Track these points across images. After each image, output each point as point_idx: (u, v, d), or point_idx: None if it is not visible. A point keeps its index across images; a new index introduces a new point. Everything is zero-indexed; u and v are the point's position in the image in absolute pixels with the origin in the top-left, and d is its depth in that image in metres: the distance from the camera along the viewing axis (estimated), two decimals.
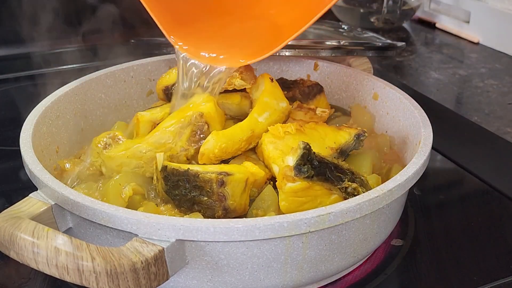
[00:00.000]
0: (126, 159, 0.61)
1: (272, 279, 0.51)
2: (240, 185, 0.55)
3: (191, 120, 0.61)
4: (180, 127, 0.61)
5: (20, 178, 0.73)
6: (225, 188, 0.54)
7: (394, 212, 0.58)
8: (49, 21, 1.16)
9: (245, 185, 0.56)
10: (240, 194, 0.55)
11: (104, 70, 0.77)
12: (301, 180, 0.52)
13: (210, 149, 0.59)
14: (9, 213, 0.49)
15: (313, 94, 0.73)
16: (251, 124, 0.62)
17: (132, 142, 0.62)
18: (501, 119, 0.93)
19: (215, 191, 0.54)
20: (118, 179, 0.58)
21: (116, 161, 0.61)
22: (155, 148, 0.61)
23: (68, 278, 0.44)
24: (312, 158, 0.52)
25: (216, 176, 0.54)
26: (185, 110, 0.63)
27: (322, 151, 0.59)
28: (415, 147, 0.62)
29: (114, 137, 0.62)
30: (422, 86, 1.06)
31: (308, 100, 0.72)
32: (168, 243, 0.47)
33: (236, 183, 0.55)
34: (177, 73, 0.67)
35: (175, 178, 0.55)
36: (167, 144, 0.61)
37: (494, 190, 0.73)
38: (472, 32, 1.28)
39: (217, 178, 0.54)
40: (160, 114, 0.66)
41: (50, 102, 0.67)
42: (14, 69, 1.09)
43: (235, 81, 0.67)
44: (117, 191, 0.57)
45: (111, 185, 0.58)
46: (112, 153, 0.61)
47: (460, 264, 0.61)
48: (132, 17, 1.17)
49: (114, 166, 0.61)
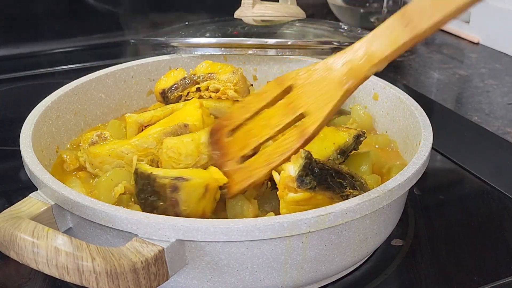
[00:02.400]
0: (108, 157, 0.62)
1: (272, 279, 0.51)
2: (196, 191, 0.53)
3: (175, 129, 0.61)
4: (164, 134, 0.61)
5: (20, 178, 0.73)
6: (178, 193, 0.52)
7: (394, 212, 0.58)
8: (49, 21, 1.16)
9: (204, 191, 0.53)
10: (196, 200, 0.53)
11: (104, 70, 0.77)
12: (303, 191, 0.51)
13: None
14: (9, 213, 0.49)
15: None
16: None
17: (116, 142, 0.63)
18: (501, 119, 0.93)
19: (168, 196, 0.52)
20: (111, 175, 0.60)
21: (99, 158, 0.62)
22: (137, 151, 0.61)
23: (68, 278, 0.44)
24: (314, 166, 0.51)
25: (169, 181, 0.52)
26: (173, 118, 0.64)
27: (322, 152, 0.59)
28: (415, 147, 0.62)
29: (101, 135, 0.65)
30: (422, 86, 1.06)
31: None
32: (168, 243, 0.47)
33: (191, 188, 0.53)
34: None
35: (141, 181, 0.54)
36: (150, 149, 0.61)
37: (494, 190, 0.73)
38: (472, 32, 1.28)
39: (170, 183, 0.52)
40: (148, 117, 0.67)
41: (50, 102, 0.68)
42: (14, 69, 1.09)
43: (228, 92, 0.69)
44: (109, 186, 0.59)
45: (104, 180, 0.59)
46: (97, 150, 0.63)
47: (460, 264, 0.61)
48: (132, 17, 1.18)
49: (97, 162, 0.62)
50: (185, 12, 1.20)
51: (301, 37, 0.85)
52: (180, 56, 0.83)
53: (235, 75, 0.69)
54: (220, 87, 0.69)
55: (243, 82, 0.69)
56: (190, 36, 0.83)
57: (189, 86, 0.70)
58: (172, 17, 1.04)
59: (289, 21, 0.90)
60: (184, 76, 0.71)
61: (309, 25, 0.90)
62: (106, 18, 1.20)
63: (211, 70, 0.70)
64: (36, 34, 1.16)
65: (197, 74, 0.70)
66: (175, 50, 0.82)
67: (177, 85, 0.70)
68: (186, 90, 0.70)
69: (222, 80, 0.69)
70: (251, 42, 0.79)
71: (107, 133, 0.66)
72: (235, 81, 0.68)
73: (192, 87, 0.70)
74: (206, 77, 0.70)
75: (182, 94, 0.70)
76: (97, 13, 1.19)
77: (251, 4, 0.90)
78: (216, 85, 0.69)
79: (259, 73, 0.85)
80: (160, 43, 0.83)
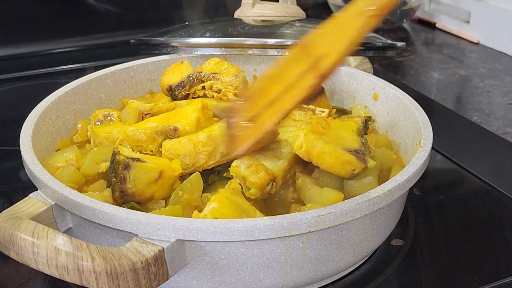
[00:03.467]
0: (104, 140, 0.64)
1: (272, 279, 0.51)
2: (148, 174, 0.56)
3: (166, 131, 0.62)
4: (155, 133, 0.62)
5: (20, 178, 0.73)
6: (128, 171, 0.55)
7: (394, 212, 0.58)
8: (49, 21, 1.16)
9: (157, 177, 0.56)
10: (146, 182, 0.55)
11: (104, 70, 0.77)
12: None
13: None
14: (9, 213, 0.49)
15: (314, 95, 0.73)
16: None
17: (117, 126, 0.65)
18: (501, 119, 0.93)
19: (119, 172, 0.55)
20: (102, 149, 0.62)
21: (98, 139, 0.65)
22: (128, 140, 0.62)
23: (68, 278, 0.44)
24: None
25: (124, 158, 0.55)
26: (171, 116, 0.64)
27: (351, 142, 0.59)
28: (415, 147, 0.62)
29: (106, 116, 0.67)
30: (422, 86, 1.06)
31: (309, 101, 0.72)
32: (168, 243, 0.47)
33: (142, 170, 0.55)
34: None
35: (111, 159, 0.57)
36: (140, 142, 0.62)
37: (494, 190, 0.73)
38: (472, 32, 1.28)
39: (124, 161, 0.55)
40: (150, 106, 0.68)
41: (50, 102, 0.68)
42: (14, 69, 1.09)
43: (228, 95, 0.69)
44: (96, 158, 0.62)
45: (95, 151, 0.63)
46: (97, 130, 0.65)
47: (460, 264, 0.61)
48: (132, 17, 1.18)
49: (97, 141, 0.65)
50: (185, 12, 1.20)
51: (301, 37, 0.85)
52: (180, 56, 0.83)
53: (237, 79, 0.69)
54: (222, 88, 0.69)
55: (244, 86, 0.70)
56: (190, 36, 0.83)
57: (195, 84, 0.70)
58: (172, 17, 1.04)
59: (289, 21, 0.90)
60: (190, 73, 0.71)
61: (309, 25, 0.90)
62: (106, 18, 1.20)
63: (216, 70, 0.70)
64: (36, 34, 1.16)
65: (203, 72, 0.70)
66: (175, 50, 0.82)
67: (184, 83, 0.70)
68: (193, 88, 0.70)
69: (224, 82, 0.69)
70: (251, 42, 0.79)
71: (114, 114, 0.67)
72: (236, 85, 0.69)
73: (198, 85, 0.70)
74: (211, 76, 0.70)
75: (189, 93, 0.71)
76: (97, 13, 1.19)
77: (251, 4, 0.90)
78: (218, 86, 0.69)
79: (259, 73, 0.85)
80: (160, 43, 0.83)
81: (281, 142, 0.60)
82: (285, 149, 0.59)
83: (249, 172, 0.56)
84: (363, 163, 0.57)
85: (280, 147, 0.60)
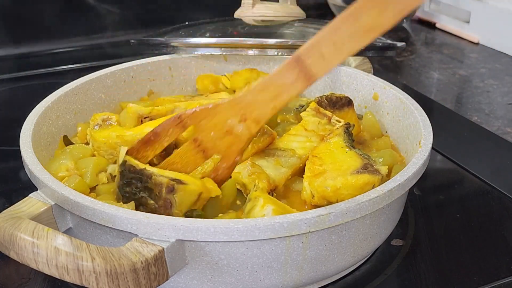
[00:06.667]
0: (102, 144, 0.64)
1: (272, 279, 0.51)
2: (191, 197, 0.53)
3: None
4: None
5: (20, 178, 0.73)
6: (173, 195, 0.52)
7: (394, 212, 0.58)
8: (49, 21, 1.16)
9: (196, 199, 0.53)
10: (188, 206, 0.53)
11: (104, 70, 0.77)
12: None
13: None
14: (9, 213, 0.49)
15: (341, 104, 0.70)
16: None
17: (114, 130, 0.64)
18: (501, 119, 0.93)
19: (163, 196, 0.52)
20: (98, 160, 0.62)
21: (96, 143, 0.64)
22: (127, 145, 0.61)
23: (68, 278, 0.44)
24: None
25: (168, 180, 0.52)
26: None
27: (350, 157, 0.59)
28: (415, 147, 0.62)
29: (105, 120, 0.66)
30: (422, 86, 1.06)
31: (335, 110, 0.69)
32: (168, 243, 0.47)
33: (187, 193, 0.52)
34: None
35: (130, 175, 0.54)
36: None
37: (494, 190, 0.73)
38: (472, 32, 1.28)
39: (168, 183, 0.52)
40: (148, 109, 0.67)
41: (50, 102, 0.68)
42: (14, 69, 1.09)
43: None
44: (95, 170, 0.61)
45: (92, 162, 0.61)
46: (96, 134, 0.64)
47: (460, 264, 0.61)
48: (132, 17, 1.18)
49: (96, 146, 0.65)
50: (185, 12, 1.20)
51: (301, 37, 0.85)
52: (180, 56, 0.83)
53: None
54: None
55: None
56: (190, 36, 0.83)
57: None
58: (172, 17, 1.04)
59: (289, 21, 0.90)
60: None
61: (309, 25, 0.90)
62: (106, 18, 1.20)
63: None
64: (36, 34, 1.16)
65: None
66: (175, 50, 0.82)
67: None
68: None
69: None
70: (251, 42, 0.79)
71: (113, 118, 0.67)
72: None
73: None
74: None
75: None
76: (97, 13, 1.19)
77: (251, 4, 0.90)
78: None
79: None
80: (160, 43, 0.83)
81: (287, 151, 0.59)
82: (290, 159, 0.59)
83: (250, 180, 0.56)
84: (378, 174, 0.55)
85: (285, 156, 0.59)
